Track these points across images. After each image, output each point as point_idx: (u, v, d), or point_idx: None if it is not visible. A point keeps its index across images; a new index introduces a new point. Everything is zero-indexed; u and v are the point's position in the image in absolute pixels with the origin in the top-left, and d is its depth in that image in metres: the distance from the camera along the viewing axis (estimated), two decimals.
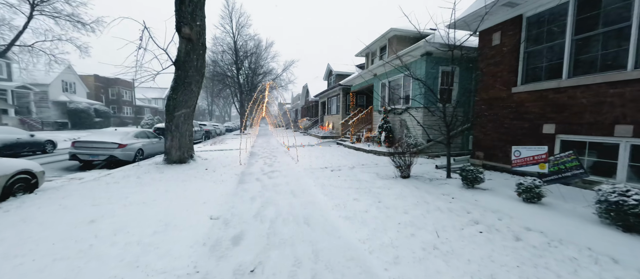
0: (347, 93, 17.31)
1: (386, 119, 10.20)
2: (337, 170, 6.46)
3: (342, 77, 19.66)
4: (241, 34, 26.23)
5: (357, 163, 7.37)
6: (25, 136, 10.43)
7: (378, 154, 9.04)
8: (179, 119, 7.31)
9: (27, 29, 13.34)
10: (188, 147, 7.69)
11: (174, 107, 7.20)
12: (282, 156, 9.26)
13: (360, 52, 13.87)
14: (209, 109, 59.02)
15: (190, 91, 7.24)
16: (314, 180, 5.42)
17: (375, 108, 12.14)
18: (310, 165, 7.20)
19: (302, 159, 8.33)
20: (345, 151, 10.34)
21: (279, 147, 12.54)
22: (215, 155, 9.62)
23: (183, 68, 7.07)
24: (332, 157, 8.58)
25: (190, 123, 7.64)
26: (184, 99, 7.23)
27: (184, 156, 7.58)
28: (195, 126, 16.89)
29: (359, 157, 8.67)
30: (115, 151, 8.08)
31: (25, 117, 24.64)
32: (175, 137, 7.38)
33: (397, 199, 3.92)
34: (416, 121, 7.57)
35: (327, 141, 15.22)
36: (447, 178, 5.29)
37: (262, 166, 7.37)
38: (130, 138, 8.81)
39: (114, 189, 4.87)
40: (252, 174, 6.14)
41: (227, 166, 7.19)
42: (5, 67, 24.33)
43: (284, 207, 3.79)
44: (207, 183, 5.21)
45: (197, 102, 7.76)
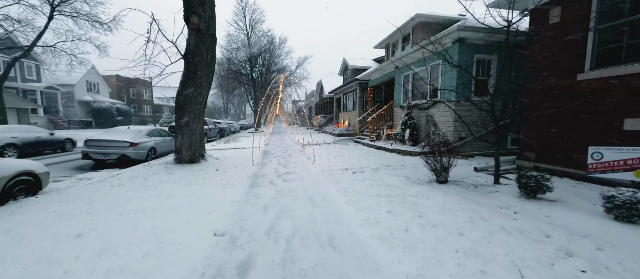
0: (364, 88, 16.42)
1: (410, 115, 9.30)
2: (360, 172, 5.73)
3: (358, 71, 18.75)
4: (255, 30, 25.92)
5: (381, 164, 6.59)
6: (45, 134, 10.55)
7: (402, 153, 8.19)
8: (189, 116, 6.88)
9: (48, 29, 13.53)
10: (199, 146, 7.27)
11: (183, 103, 6.77)
12: (297, 155, 8.66)
13: (379, 44, 12.94)
14: (224, 107, 59.91)
15: (200, 86, 6.77)
16: (334, 184, 4.73)
17: (397, 103, 11.22)
18: (328, 166, 6.53)
19: (319, 158, 7.67)
20: (365, 150, 9.56)
21: (294, 145, 11.97)
22: (227, 154, 9.19)
23: (192, 61, 6.60)
24: (352, 157, 7.85)
25: (201, 121, 7.20)
26: (193, 95, 6.78)
27: (195, 156, 7.16)
28: (209, 124, 16.72)
29: (382, 157, 7.87)
30: (126, 150, 7.83)
31: (53, 116, 25.88)
32: (186, 135, 6.97)
33: (443, 213, 3.14)
34: (456, 114, 6.64)
35: (344, 139, 14.47)
36: (495, 184, 4.41)
37: (276, 166, 6.80)
38: (142, 137, 8.56)
39: (117, 192, 4.45)
40: (265, 176, 5.56)
41: (239, 167, 6.68)
42: (34, 68, 25.62)
43: (302, 220, 3.14)
44: (216, 187, 4.68)
45: (207, 98, 7.29)
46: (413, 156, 7.65)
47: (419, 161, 6.74)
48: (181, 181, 5.12)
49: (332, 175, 5.53)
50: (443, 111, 8.08)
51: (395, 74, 11.30)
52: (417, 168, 6.03)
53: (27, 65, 24.99)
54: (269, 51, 28.36)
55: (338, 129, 18.16)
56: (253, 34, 25.90)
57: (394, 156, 7.95)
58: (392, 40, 12.21)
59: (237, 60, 27.27)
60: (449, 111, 7.87)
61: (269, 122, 28.99)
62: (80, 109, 29.61)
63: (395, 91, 11.33)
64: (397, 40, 11.91)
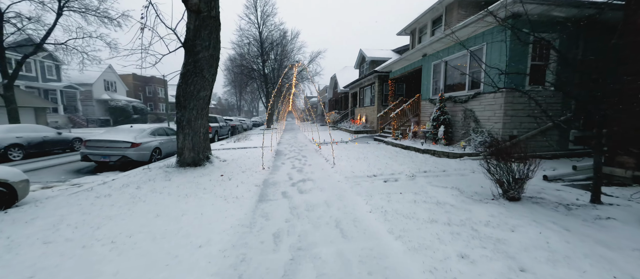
0: (384, 81, 15.10)
1: (443, 110, 7.99)
2: (393, 180, 4.61)
3: (377, 63, 17.40)
4: (266, 24, 25.05)
5: (416, 169, 5.43)
6: (52, 133, 10.20)
7: (437, 155, 6.94)
8: (190, 114, 6.02)
9: (57, 26, 13.22)
10: (203, 146, 6.42)
11: (184, 98, 5.91)
12: (313, 156, 7.64)
13: (403, 30, 11.58)
14: (237, 104, 60.06)
15: (203, 78, 5.88)
16: (365, 199, 3.66)
17: (425, 96, 9.90)
18: (352, 171, 5.45)
19: (339, 161, 6.61)
20: (391, 151, 8.37)
21: (308, 144, 10.98)
22: (236, 154, 8.34)
23: (192, 49, 5.71)
24: (378, 159, 6.72)
25: (205, 118, 6.33)
26: (195, 89, 5.90)
27: (199, 158, 6.33)
28: (220, 122, 16.07)
29: (413, 159, 6.68)
30: (127, 151, 7.14)
31: (73, 115, 26.49)
32: (188, 135, 6.13)
33: (556, 263, 1.99)
34: (536, 104, 5.35)
35: (362, 137, 13.30)
36: (595, 204, 3.16)
37: (289, 170, 5.81)
38: (145, 136, 7.86)
39: (97, 208, 3.63)
40: (277, 185, 4.58)
41: (247, 171, 5.76)
42: (54, 69, 26.24)
43: (330, 265, 2.11)
44: (217, 201, 3.75)
45: (212, 92, 6.40)
46: (453, 159, 6.40)
47: (463, 166, 5.51)
48: (177, 192, 4.24)
49: (359, 184, 4.46)
50: (488, 104, 6.74)
51: (422, 63, 9.96)
52: (465, 175, 4.82)
53: (48, 66, 25.60)
54: (281, 45, 27.48)
55: (355, 126, 16.98)
56: (265, 27, 25.06)
57: (428, 158, 6.73)
58: (419, 24, 10.81)
59: (248, 55, 26.62)
60: (495, 104, 6.53)
61: (281, 118, 28.26)
62: (98, 107, 30.24)
63: (423, 82, 10.00)
64: (425, 25, 10.50)
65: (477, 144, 6.59)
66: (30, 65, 23.85)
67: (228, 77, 33.84)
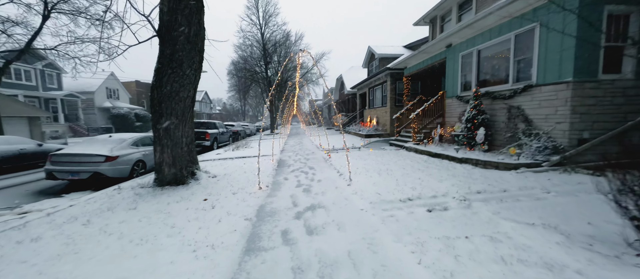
0: (398, 79, 13.72)
1: (479, 108, 6.56)
2: (440, 209, 3.23)
3: (388, 61, 16.05)
4: (268, 24, 24.04)
5: (465, 188, 4.02)
6: (31, 145, 9.18)
7: (482, 165, 5.49)
8: (169, 120, 4.79)
9: (47, 30, 12.32)
10: (186, 160, 5.17)
11: (159, 101, 4.69)
12: (323, 168, 6.31)
13: (421, 18, 10.22)
14: (242, 109, 59.40)
15: (182, 74, 4.65)
16: (412, 250, 2.30)
17: (450, 93, 8.48)
18: (376, 190, 4.09)
19: (356, 175, 5.25)
20: (417, 159, 6.96)
21: (315, 151, 9.66)
22: (232, 167, 7.08)
23: (168, 39, 4.49)
24: (404, 172, 5.34)
25: (187, 125, 5.09)
26: (173, 89, 4.67)
27: (181, 175, 5.08)
28: (221, 128, 14.89)
29: (452, 171, 5.26)
30: (101, 166, 5.96)
31: (73, 124, 25.93)
32: (166, 147, 4.89)
33: None
34: (604, 100, 3.93)
35: (375, 141, 11.91)
36: None
37: (293, 190, 4.50)
38: (125, 147, 6.68)
39: (13, 258, 2.38)
40: (275, 217, 3.27)
41: (240, 192, 4.46)
42: (55, 77, 25.81)
43: None
44: (180, 256, 2.44)
45: (196, 92, 5.17)
46: (505, 171, 4.95)
47: (527, 182, 4.08)
48: (132, 233, 2.96)
49: (393, 216, 3.09)
50: (544, 99, 5.30)
51: (446, 55, 8.56)
52: (542, 199, 3.40)
53: (48, 74, 25.18)
54: (284, 47, 26.42)
55: (365, 129, 15.60)
56: (267, 28, 24.04)
57: (472, 170, 5.29)
58: (442, 10, 9.42)
59: (251, 58, 25.65)
60: (557, 99, 5.07)
61: (286, 122, 27.09)
62: (100, 115, 29.73)
63: (448, 77, 8.58)
64: (448, 10, 9.11)
65: (533, 150, 5.14)
66: (30, 74, 23.41)
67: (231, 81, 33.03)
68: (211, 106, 67.82)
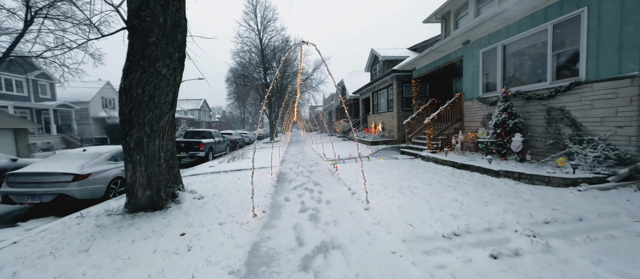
0: (405, 82, 12.91)
1: (510, 111, 5.65)
2: (509, 254, 2.27)
3: (393, 63, 15.26)
4: (267, 30, 23.45)
5: (526, 216, 3.05)
6: (4, 161, 8.25)
7: (526, 180, 4.50)
8: (141, 131, 3.87)
9: (30, 35, 11.53)
10: (166, 179, 4.23)
11: (129, 107, 3.78)
12: (330, 183, 5.35)
13: (433, 15, 9.42)
14: (241, 116, 58.65)
15: (156, 74, 3.76)
16: None
17: (469, 95, 7.59)
18: (405, 219, 3.14)
19: (373, 194, 4.28)
20: (440, 171, 6.00)
21: (319, 161, 8.72)
22: (225, 182, 6.13)
23: (139, 32, 3.62)
24: (433, 190, 4.38)
25: (166, 136, 4.18)
26: (146, 92, 3.78)
27: (159, 198, 4.13)
28: (216, 137, 13.94)
29: (493, 189, 4.29)
30: (68, 187, 5.03)
31: (67, 135, 25.06)
32: (139, 164, 3.96)
33: None
34: None
35: (384, 149, 10.97)
36: None
37: (297, 218, 3.54)
38: (99, 163, 5.75)
39: None
40: (274, 267, 2.31)
41: (228, 222, 3.51)
42: (48, 87, 25.09)
43: None
44: None
45: (176, 96, 4.26)
46: (559, 188, 3.98)
47: (601, 206, 3.12)
48: None
49: (443, 266, 2.14)
50: (598, 98, 4.39)
51: (464, 52, 7.72)
52: (635, 236, 2.45)
53: (41, 84, 24.48)
54: (283, 53, 25.79)
55: (370, 136, 14.69)
56: (265, 34, 23.44)
57: (516, 186, 4.32)
58: (456, 5, 8.61)
59: (250, 65, 24.98)
60: (615, 98, 4.17)
61: (286, 129, 26.23)
62: (95, 126, 28.91)
63: (465, 77, 7.72)
64: (465, 3, 8.30)
65: (591, 161, 4.19)
66: (21, 85, 22.70)
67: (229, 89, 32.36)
68: (210, 114, 67.13)
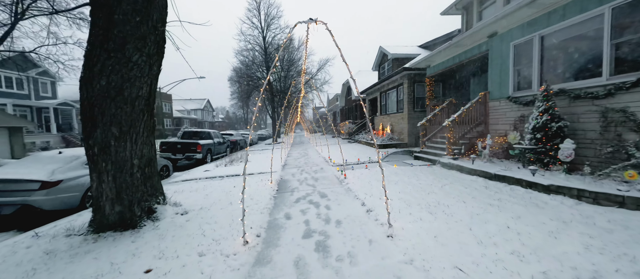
0: (418, 81, 12.04)
1: (552, 112, 4.76)
2: None
3: (401, 62, 14.41)
4: (270, 27, 22.79)
5: (624, 259, 2.20)
6: None
7: (592, 199, 3.61)
8: (108, 133, 3.11)
9: (27, 33, 11.01)
10: (141, 192, 3.46)
11: (91, 103, 3.02)
12: (338, 195, 4.52)
13: (452, 5, 8.55)
14: (244, 117, 58.13)
15: (126, 62, 3.00)
16: None
17: (497, 94, 6.71)
18: (448, 258, 2.30)
19: (395, 213, 3.44)
20: (471, 183, 5.13)
21: (324, 166, 7.90)
22: (217, 191, 5.35)
23: (103, 4, 2.86)
24: (472, 211, 3.53)
25: (142, 139, 3.41)
26: (113, 84, 3.01)
27: (131, 214, 3.36)
28: (216, 138, 13.18)
29: (550, 211, 3.42)
30: (33, 196, 4.31)
31: (67, 134, 24.67)
32: (105, 173, 3.19)
33: None
34: None
35: (394, 153, 10.11)
36: None
37: (300, 247, 2.73)
38: (75, 168, 5.02)
39: None
40: None
41: (212, 250, 2.72)
42: (49, 85, 24.75)
43: None
44: None
45: (153, 89, 3.49)
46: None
47: None
48: None
49: None
50: None
51: (490, 46, 6.84)
52: None
53: (42, 83, 24.13)
54: (287, 51, 25.10)
55: (378, 139, 13.83)
56: (269, 31, 22.78)
57: (578, 207, 3.43)
58: None
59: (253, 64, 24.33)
60: None
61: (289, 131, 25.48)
62: None
63: (492, 74, 6.84)
64: None
65: None
66: (21, 82, 22.35)
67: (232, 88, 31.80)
68: (213, 115, 66.88)
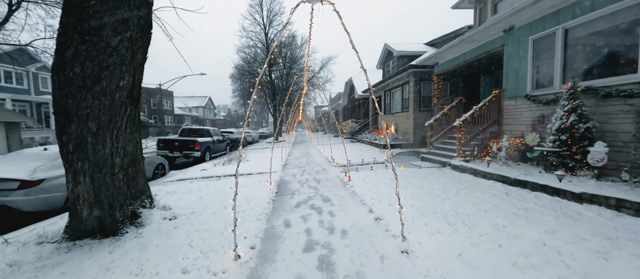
0: (425, 79, 11.62)
1: (580, 112, 4.33)
2: None
3: (407, 59, 13.96)
4: (273, 24, 22.40)
5: None
6: None
7: (634, 211, 3.22)
8: (84, 127, 2.74)
9: (20, 24, 10.68)
10: (124, 194, 3.10)
11: (63, 93, 2.65)
12: (343, 199, 4.13)
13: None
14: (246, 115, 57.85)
15: (103, 47, 2.62)
16: None
17: (513, 93, 6.28)
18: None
19: (408, 222, 3.02)
20: (488, 189, 4.71)
21: (327, 167, 7.51)
22: (212, 192, 4.98)
23: None
24: (497, 222, 3.12)
25: (124, 135, 3.04)
26: (88, 72, 2.64)
27: (112, 219, 2.99)
28: (215, 136, 12.80)
29: (587, 224, 3.00)
30: (12, 197, 3.97)
31: None
32: (82, 173, 2.83)
33: None
34: None
35: (399, 154, 9.70)
36: None
37: (300, 263, 2.34)
38: (58, 166, 4.65)
39: None
40: None
41: (197, 265, 2.34)
42: (49, 80, 24.51)
43: None
44: None
45: (137, 80, 3.12)
46: None
47: None
48: None
49: None
50: None
51: (506, 41, 6.41)
52: None
53: (42, 77, 23.94)
54: (289, 48, 24.70)
55: (382, 139, 13.41)
56: (271, 28, 22.39)
57: (618, 219, 2.99)
58: None
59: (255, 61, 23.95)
60: None
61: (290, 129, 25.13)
62: None
63: (508, 71, 6.40)
64: None
65: None
66: (21, 77, 22.15)
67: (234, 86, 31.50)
68: (215, 112, 66.70)
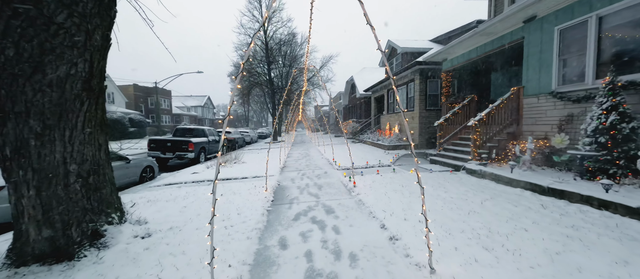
0: (429, 77, 11.04)
1: (623, 110, 3.76)
2: None
3: (412, 56, 13.38)
4: (272, 21, 21.78)
5: None
6: None
7: None
8: (22, 127, 2.15)
9: None
10: (81, 208, 2.50)
11: None
12: (349, 211, 3.54)
13: None
14: (245, 114, 57.22)
15: (45, 23, 2.03)
16: None
17: (534, 90, 5.70)
18: None
19: (437, 249, 2.42)
20: (516, 199, 4.10)
21: (328, 169, 6.93)
22: (199, 201, 4.38)
23: None
24: (540, 243, 2.52)
25: (81, 136, 2.45)
26: (28, 54, 2.04)
27: (67, 240, 2.40)
28: (210, 136, 12.15)
29: None
30: None
31: None
32: (26, 184, 2.23)
33: None
34: None
35: (405, 156, 9.11)
36: None
37: None
38: None
39: None
40: None
41: None
42: None
43: None
44: None
45: (102, 72, 2.53)
46: None
47: None
48: None
49: None
50: None
51: (525, 33, 5.83)
52: None
53: None
54: (289, 46, 24.10)
55: (385, 139, 12.83)
56: (270, 25, 21.77)
57: None
58: None
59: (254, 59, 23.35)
60: None
61: (290, 129, 24.54)
62: None
63: (528, 66, 5.82)
64: None
65: None
66: None
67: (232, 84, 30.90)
68: (214, 112, 66.08)
